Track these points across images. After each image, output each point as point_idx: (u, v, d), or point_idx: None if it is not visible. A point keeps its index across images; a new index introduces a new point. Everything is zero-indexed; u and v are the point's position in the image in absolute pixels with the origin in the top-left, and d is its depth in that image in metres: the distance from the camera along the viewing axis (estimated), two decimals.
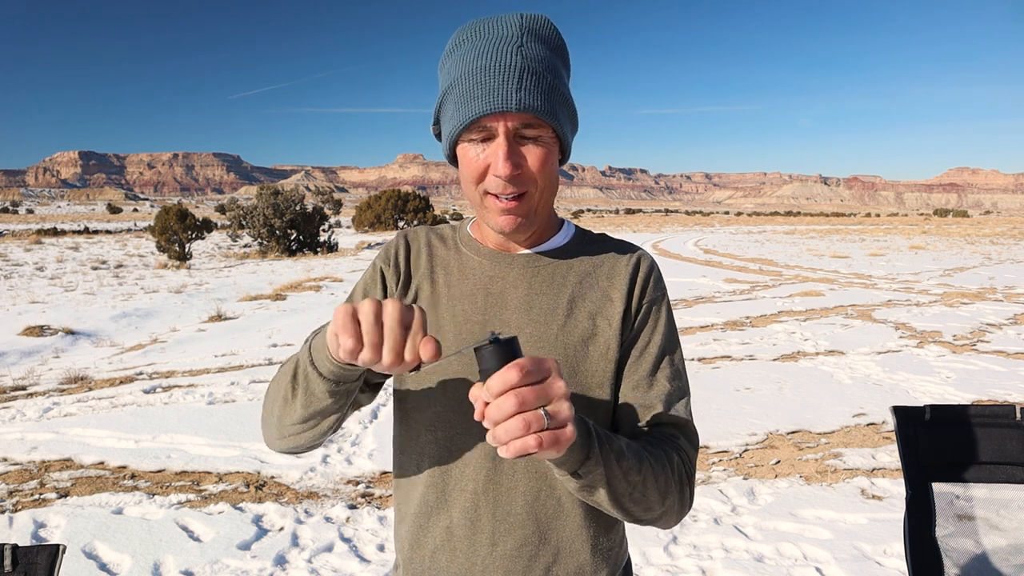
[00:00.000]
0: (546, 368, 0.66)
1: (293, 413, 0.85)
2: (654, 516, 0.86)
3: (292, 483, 3.73)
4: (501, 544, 0.92)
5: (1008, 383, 5.63)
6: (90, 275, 15.59)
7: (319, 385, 0.80)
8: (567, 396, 0.66)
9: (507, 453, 0.64)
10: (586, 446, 0.74)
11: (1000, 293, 11.37)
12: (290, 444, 0.91)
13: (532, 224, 0.91)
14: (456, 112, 0.85)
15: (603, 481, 0.77)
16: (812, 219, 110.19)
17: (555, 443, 0.65)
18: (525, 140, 0.86)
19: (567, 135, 0.90)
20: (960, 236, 34.02)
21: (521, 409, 0.63)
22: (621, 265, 0.98)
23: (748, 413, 4.86)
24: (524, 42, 0.85)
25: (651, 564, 2.88)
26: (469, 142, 0.87)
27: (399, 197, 38.13)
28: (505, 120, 0.83)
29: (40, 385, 5.74)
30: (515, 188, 0.86)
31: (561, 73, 0.89)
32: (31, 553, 0.91)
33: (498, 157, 0.84)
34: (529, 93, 0.82)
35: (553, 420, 0.65)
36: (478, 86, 0.83)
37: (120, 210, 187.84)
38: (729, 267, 17.05)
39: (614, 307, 0.95)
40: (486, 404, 0.65)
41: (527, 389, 0.64)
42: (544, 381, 0.65)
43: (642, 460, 0.81)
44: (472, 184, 0.88)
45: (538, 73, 0.84)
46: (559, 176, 0.94)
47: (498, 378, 0.64)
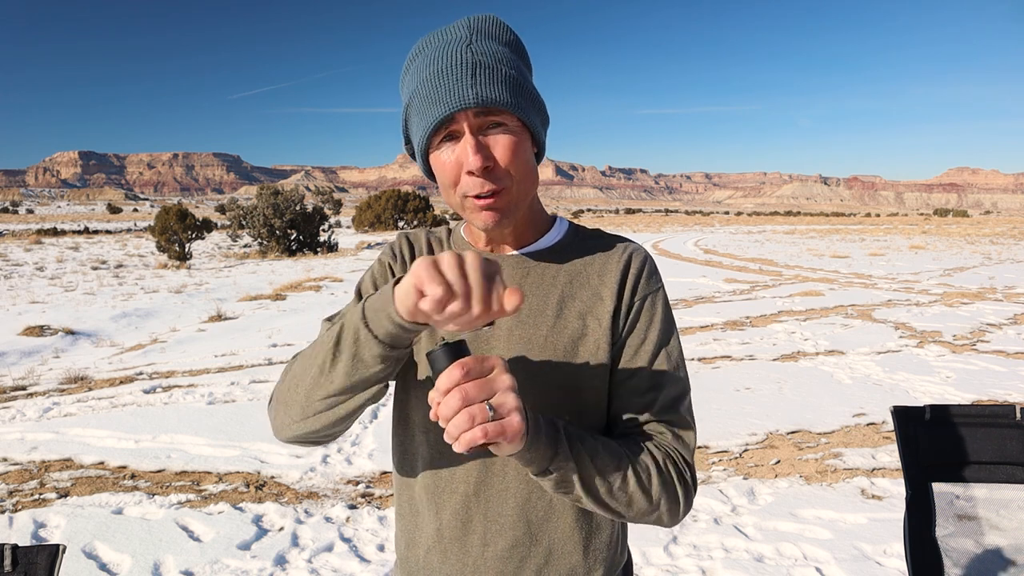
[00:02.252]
0: (489, 365, 0.70)
1: (330, 383, 0.80)
2: (642, 515, 0.86)
3: (292, 483, 3.73)
4: (492, 545, 0.93)
5: (1008, 383, 5.63)
6: (90, 275, 15.59)
7: (371, 349, 0.76)
8: (512, 388, 0.70)
9: (459, 447, 0.68)
10: (552, 443, 0.76)
11: (1000, 293, 11.36)
12: (311, 426, 0.86)
13: (512, 219, 0.90)
14: (420, 122, 0.86)
15: (576, 479, 0.79)
16: (812, 219, 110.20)
17: (501, 433, 0.68)
18: (491, 132, 0.85)
19: (535, 123, 0.89)
20: (960, 236, 34.02)
21: (465, 403, 0.67)
22: (612, 262, 0.96)
23: (748, 413, 4.86)
24: (472, 40, 0.86)
25: (651, 564, 2.88)
26: (439, 149, 0.87)
27: (399, 197, 38.13)
28: (467, 117, 0.83)
29: (40, 385, 5.74)
30: (491, 184, 0.85)
31: (517, 64, 0.89)
32: (31, 553, 0.91)
33: (466, 152, 0.83)
34: (484, 86, 0.82)
35: (497, 412, 0.68)
36: (434, 91, 0.83)
37: (120, 210, 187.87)
38: (729, 267, 17.05)
39: (604, 306, 0.94)
40: (439, 404, 0.69)
41: (470, 384, 0.68)
42: (487, 376, 0.69)
43: (620, 458, 0.82)
44: (450, 189, 0.88)
45: (490, 66, 0.84)
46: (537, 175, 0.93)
47: (444, 377, 0.68)
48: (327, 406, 0.83)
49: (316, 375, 0.82)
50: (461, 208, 0.90)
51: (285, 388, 0.88)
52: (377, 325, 0.74)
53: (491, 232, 0.92)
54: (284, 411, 0.89)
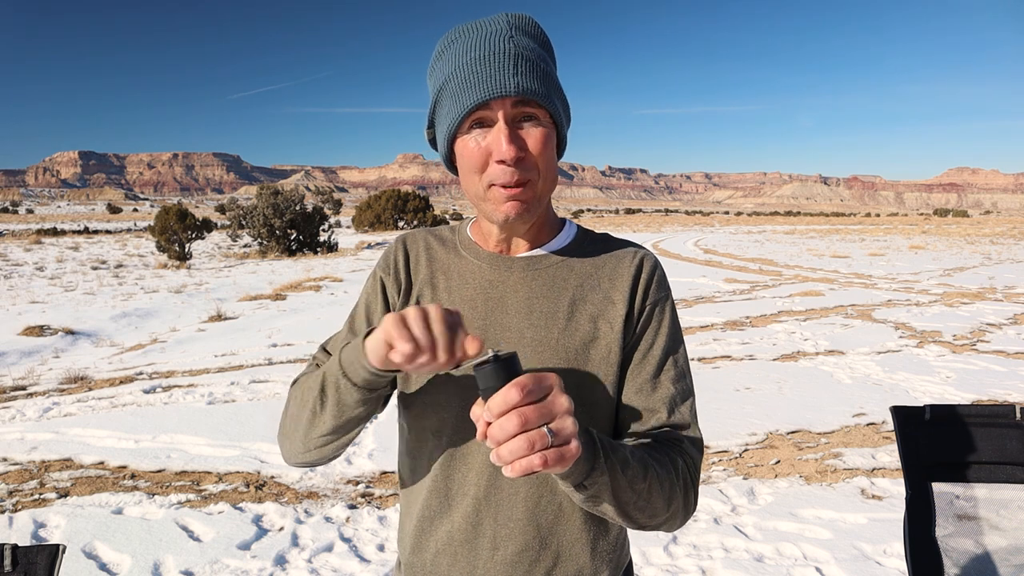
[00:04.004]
0: (547, 385, 0.65)
1: (323, 425, 0.87)
2: (659, 522, 0.85)
3: (292, 483, 3.73)
4: (502, 549, 0.92)
5: (1008, 383, 5.63)
6: (90, 275, 15.58)
7: (352, 395, 0.82)
8: (571, 411, 0.66)
9: (511, 473, 0.64)
10: (591, 458, 0.73)
11: (1000, 293, 11.36)
12: (315, 456, 0.93)
13: (534, 214, 0.90)
14: (453, 105, 0.85)
15: (608, 491, 0.77)
16: (812, 219, 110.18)
17: (560, 460, 0.65)
18: (524, 125, 0.86)
19: (563, 122, 0.90)
20: (960, 236, 34.01)
21: (524, 428, 0.63)
22: (623, 266, 0.96)
23: (748, 413, 4.86)
24: (514, 34, 0.87)
25: (651, 564, 2.88)
26: (468, 134, 0.86)
27: (399, 197, 38.13)
28: (504, 105, 0.83)
29: (40, 385, 5.74)
30: (519, 174, 0.85)
31: (550, 64, 0.91)
32: (31, 553, 0.91)
33: (500, 141, 0.83)
34: (525, 77, 0.83)
35: (557, 437, 0.64)
36: (474, 75, 0.83)
37: (120, 210, 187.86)
38: (729, 267, 17.05)
39: (616, 309, 0.94)
40: (488, 424, 0.65)
41: (529, 408, 0.64)
42: (546, 398, 0.65)
43: (647, 467, 0.81)
44: (475, 175, 0.87)
45: (531, 60, 0.85)
46: (558, 174, 0.94)
47: (499, 398, 0.64)
48: (324, 443, 0.90)
49: (309, 418, 0.88)
50: (483, 198, 0.89)
51: (286, 425, 0.95)
52: (354, 374, 0.81)
53: (509, 225, 0.91)
54: (289, 444, 0.95)
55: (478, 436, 0.66)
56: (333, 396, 0.84)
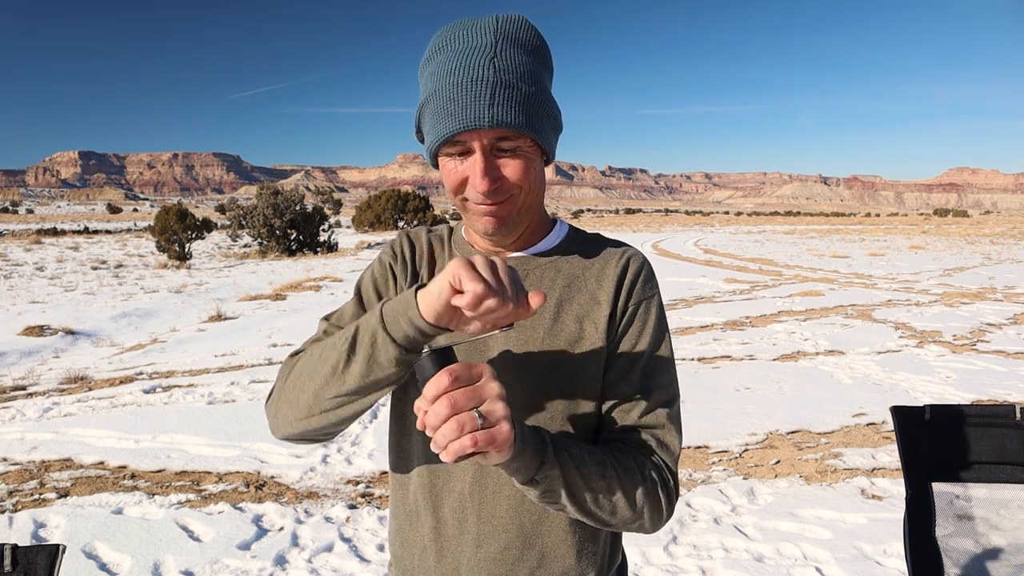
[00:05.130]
0: (477, 372, 0.68)
1: (343, 384, 0.81)
2: (625, 522, 0.85)
3: (292, 483, 3.73)
4: (486, 546, 0.93)
5: (1008, 383, 5.63)
6: (90, 275, 15.58)
7: (388, 351, 0.77)
8: (501, 396, 0.68)
9: (447, 457, 0.66)
10: (539, 452, 0.75)
11: (1000, 293, 11.36)
12: (315, 424, 0.87)
13: (517, 226, 0.91)
14: (432, 127, 0.85)
15: (561, 487, 0.78)
16: (812, 219, 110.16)
17: (491, 442, 0.66)
18: (503, 153, 0.85)
19: (548, 142, 0.89)
20: (960, 236, 34.01)
21: (454, 411, 0.66)
22: (610, 266, 0.97)
23: (748, 413, 4.86)
24: (498, 51, 0.84)
25: (651, 564, 2.88)
26: (447, 156, 0.87)
27: (399, 197, 38.12)
28: (480, 136, 0.83)
29: (40, 385, 5.74)
30: (496, 198, 0.86)
31: (540, 78, 0.87)
32: (31, 553, 0.91)
33: (476, 173, 0.84)
34: (502, 108, 0.81)
35: (486, 420, 0.67)
36: (451, 102, 0.82)
37: (120, 210, 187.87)
38: (729, 267, 17.04)
39: (601, 310, 0.94)
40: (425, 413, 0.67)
41: (458, 392, 0.66)
42: (476, 383, 0.68)
43: (605, 466, 0.81)
44: (452, 194, 0.89)
45: (512, 85, 0.82)
46: (545, 179, 0.94)
47: (431, 384, 0.67)
48: (336, 405, 0.84)
49: (328, 375, 0.82)
50: (463, 210, 0.90)
51: (290, 386, 0.89)
52: (396, 328, 0.76)
53: (491, 237, 0.92)
54: (288, 408, 0.89)
55: (418, 424, 0.68)
56: (366, 351, 0.78)
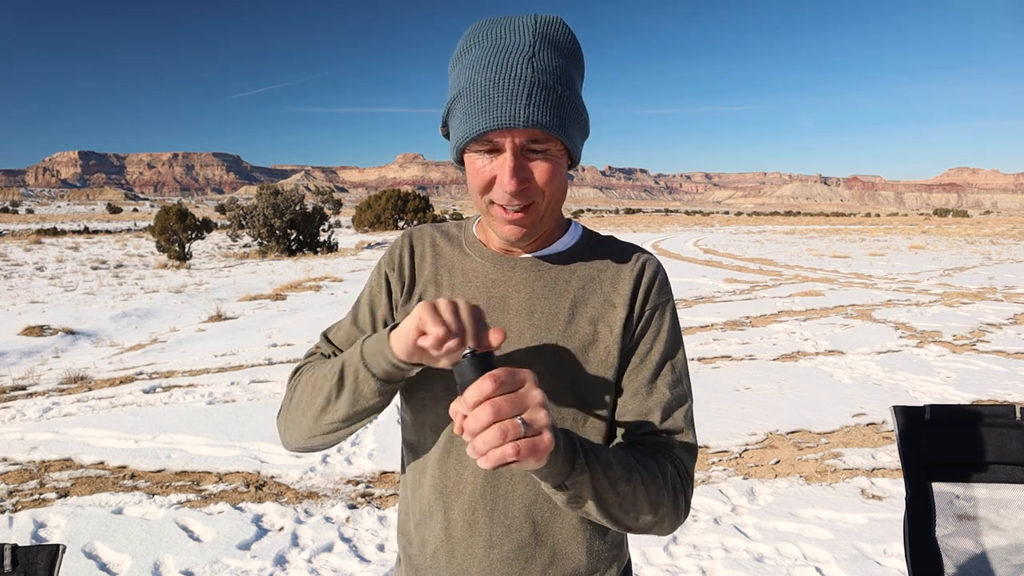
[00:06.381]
0: (520, 378, 0.67)
1: (335, 413, 0.88)
2: (646, 526, 0.85)
3: (292, 483, 3.73)
4: (498, 546, 0.93)
5: (1008, 383, 5.63)
6: (90, 275, 15.58)
7: (370, 385, 0.84)
8: (544, 404, 0.67)
9: (486, 464, 0.65)
10: (570, 458, 0.74)
11: (1000, 293, 11.36)
12: (320, 442, 0.94)
13: (536, 233, 0.91)
14: (463, 123, 0.83)
15: (590, 493, 0.77)
16: (812, 219, 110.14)
17: (533, 451, 0.65)
18: (533, 154, 0.84)
19: (576, 146, 0.88)
20: (960, 236, 34.01)
21: (497, 418, 0.65)
22: (625, 270, 0.97)
23: (748, 413, 4.86)
24: (536, 51, 0.82)
25: (651, 564, 2.88)
26: (476, 153, 0.85)
27: (399, 197, 38.14)
28: (512, 136, 0.82)
29: (40, 385, 5.74)
30: (521, 201, 0.85)
31: (574, 82, 0.87)
32: (31, 553, 0.91)
33: (504, 172, 0.83)
34: (538, 108, 0.80)
35: (530, 428, 0.65)
36: (486, 99, 0.80)
37: (120, 210, 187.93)
38: (729, 267, 17.04)
39: (616, 313, 0.94)
40: (464, 417, 0.67)
41: (502, 398, 0.65)
42: (519, 390, 0.67)
43: (631, 471, 0.81)
44: (478, 194, 0.87)
45: (548, 86, 0.81)
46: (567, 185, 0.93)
47: (473, 389, 0.66)
48: (332, 429, 0.91)
49: (323, 405, 0.89)
50: (487, 213, 0.89)
51: (293, 409, 0.95)
52: (375, 365, 0.83)
53: (512, 243, 0.92)
54: (294, 428, 0.96)
55: (455, 429, 0.68)
56: (351, 385, 0.85)
